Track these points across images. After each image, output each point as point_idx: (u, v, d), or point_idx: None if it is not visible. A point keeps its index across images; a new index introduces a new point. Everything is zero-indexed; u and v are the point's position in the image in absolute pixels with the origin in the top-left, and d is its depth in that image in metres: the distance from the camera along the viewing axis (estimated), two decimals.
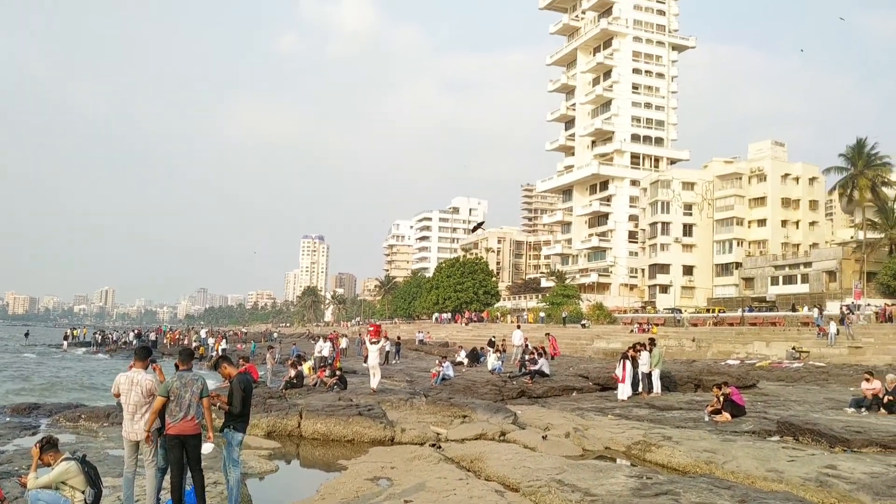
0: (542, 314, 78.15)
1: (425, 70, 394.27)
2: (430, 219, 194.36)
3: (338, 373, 23.19)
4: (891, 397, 17.04)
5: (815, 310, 49.48)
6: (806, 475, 10.54)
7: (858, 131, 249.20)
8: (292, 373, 23.39)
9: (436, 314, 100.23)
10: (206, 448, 8.21)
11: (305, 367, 25.17)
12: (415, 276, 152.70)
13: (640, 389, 21.28)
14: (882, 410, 16.86)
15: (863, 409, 17.20)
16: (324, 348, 32.73)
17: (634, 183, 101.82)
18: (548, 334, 36.09)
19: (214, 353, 42.86)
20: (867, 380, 18.16)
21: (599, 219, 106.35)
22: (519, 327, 40.67)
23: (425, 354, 47.78)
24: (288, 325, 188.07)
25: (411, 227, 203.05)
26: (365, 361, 24.78)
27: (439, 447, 13.83)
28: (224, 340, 52.94)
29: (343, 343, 44.58)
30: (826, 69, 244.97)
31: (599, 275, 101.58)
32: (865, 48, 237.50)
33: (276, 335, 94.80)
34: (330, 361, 28.81)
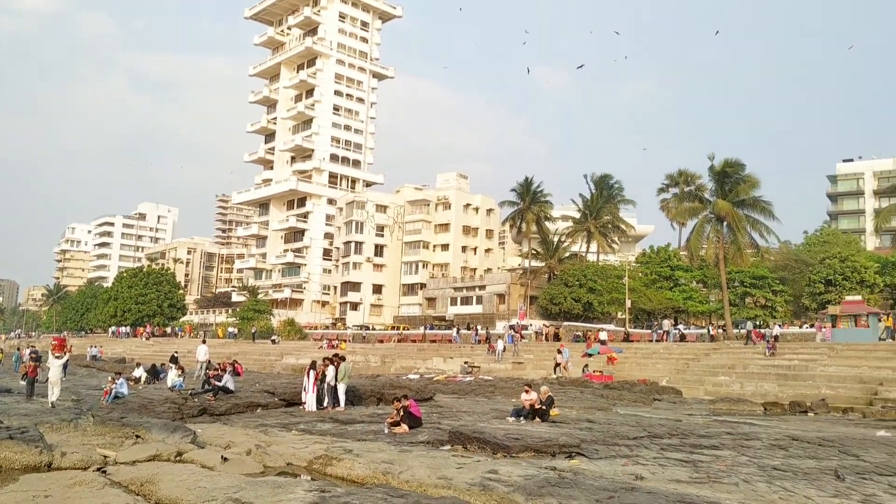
0: (231, 329, 75.81)
1: (116, 65, 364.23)
2: (112, 224, 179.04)
3: None
4: (543, 407, 19.19)
5: (478, 328, 54.28)
6: (471, 480, 11.40)
7: (529, 170, 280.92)
8: None
9: (113, 327, 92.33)
10: None
11: None
12: (91, 285, 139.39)
13: (325, 404, 21.53)
14: (537, 419, 18.89)
15: (521, 418, 19.12)
16: None
17: (332, 202, 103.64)
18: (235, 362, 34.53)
19: None
20: (526, 391, 20.26)
21: (296, 235, 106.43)
22: (204, 342, 39.00)
23: (98, 371, 43.62)
24: None
25: (90, 231, 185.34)
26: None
27: (105, 471, 12.66)
28: None
29: None
30: (506, 112, 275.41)
31: (293, 290, 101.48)
32: (538, 97, 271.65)
33: None
34: None
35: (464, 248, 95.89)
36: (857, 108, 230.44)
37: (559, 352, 38.28)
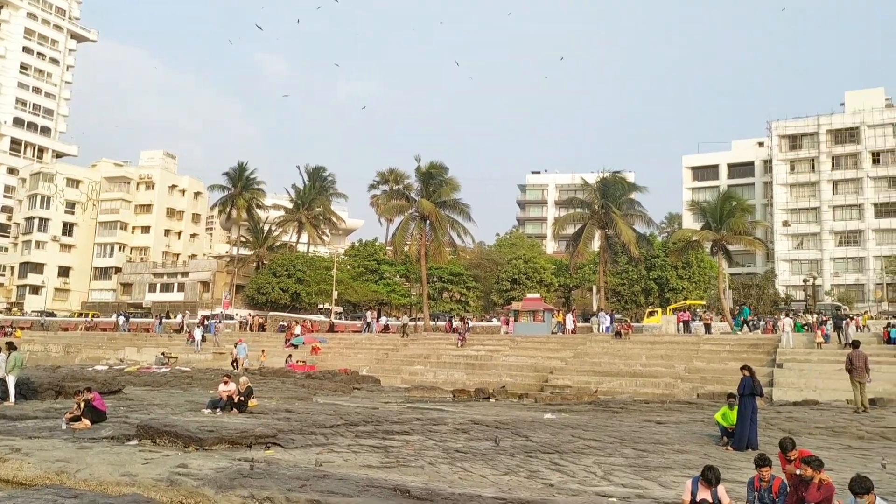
0: None
1: None
2: None
3: None
4: (242, 398, 18.85)
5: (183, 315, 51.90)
6: (158, 476, 10.87)
7: (243, 156, 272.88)
8: None
9: None
10: None
11: None
12: None
13: None
14: (234, 410, 18.49)
15: (219, 410, 18.59)
16: None
17: (13, 171, 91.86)
18: None
19: None
20: (225, 382, 19.75)
21: None
22: None
23: None
24: None
25: None
26: None
27: None
28: None
29: None
30: (222, 93, 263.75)
31: None
32: (256, 82, 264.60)
33: None
34: None
35: (167, 232, 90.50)
36: (546, 126, 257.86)
37: (235, 346, 37.71)
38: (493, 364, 36.88)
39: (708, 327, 41.16)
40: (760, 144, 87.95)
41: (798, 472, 8.22)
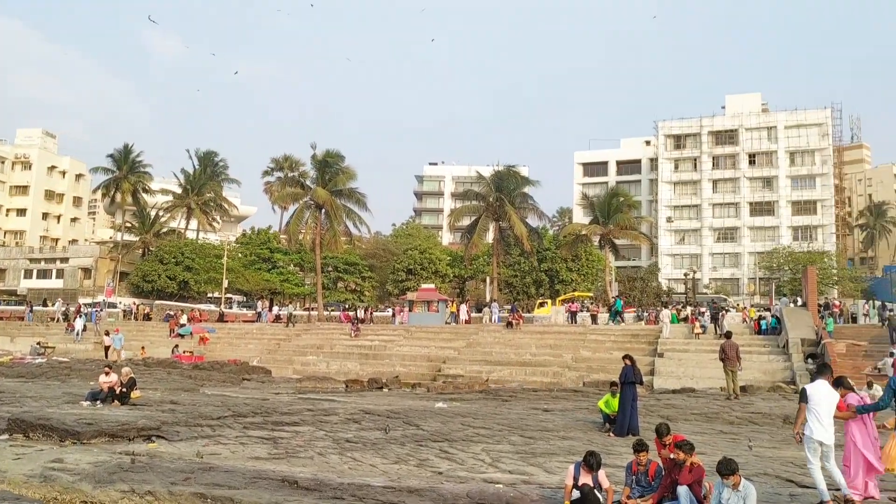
0: None
1: None
2: None
3: None
4: (124, 389, 18.14)
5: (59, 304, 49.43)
6: (31, 472, 10.35)
7: (129, 137, 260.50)
8: None
9: None
10: None
11: None
12: None
13: None
14: (116, 402, 17.78)
15: (99, 402, 17.84)
16: None
17: None
18: None
19: None
20: (106, 373, 18.94)
21: None
22: None
23: None
24: None
25: None
26: None
27: None
28: None
29: None
30: (108, 70, 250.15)
31: None
32: (145, 60, 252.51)
33: None
34: None
35: (45, 215, 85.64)
36: (445, 118, 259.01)
37: (106, 334, 36.36)
38: (387, 354, 36.96)
39: (595, 318, 42.60)
40: (648, 143, 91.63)
41: (672, 455, 8.68)
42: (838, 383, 8.92)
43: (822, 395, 8.48)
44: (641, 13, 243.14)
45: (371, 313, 51.30)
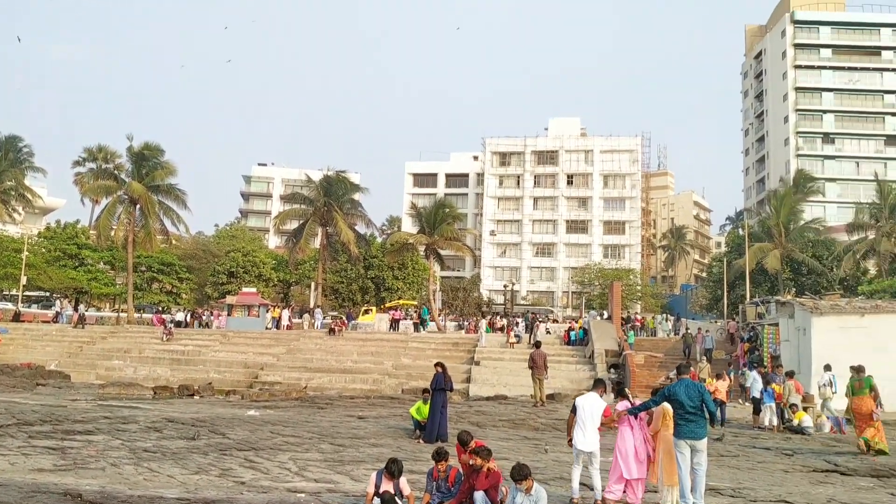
0: None
1: None
2: None
3: None
4: None
5: None
6: None
7: None
8: None
9: None
10: None
11: None
12: None
13: None
14: None
15: None
16: None
17: None
18: None
19: None
20: None
21: None
22: None
23: None
24: None
25: None
26: None
27: None
28: None
29: None
30: None
31: None
32: None
33: None
34: None
35: None
36: (277, 118, 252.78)
37: None
38: (202, 360, 35.47)
39: (417, 326, 43.26)
40: (475, 158, 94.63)
41: (471, 462, 8.93)
42: (619, 393, 9.85)
43: (588, 405, 9.53)
44: (450, 27, 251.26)
45: (201, 316, 48.95)
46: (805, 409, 19.75)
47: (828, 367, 20.16)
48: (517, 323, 41.43)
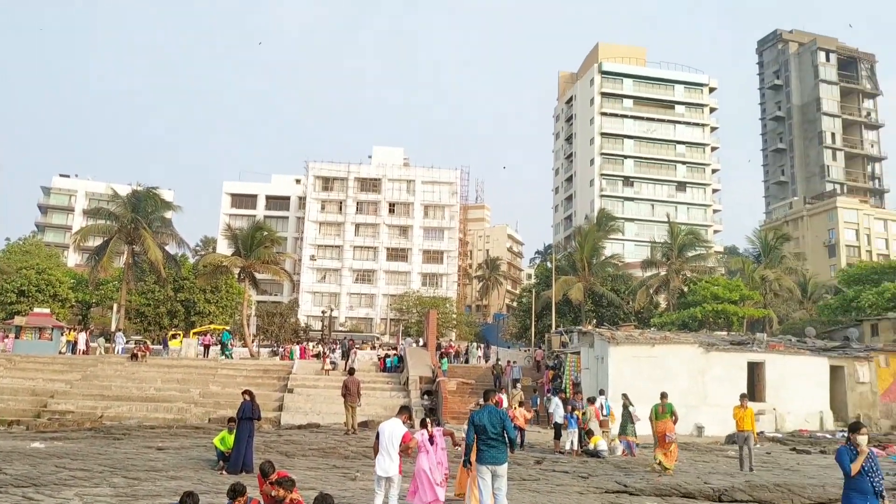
0: None
1: None
2: None
3: None
4: None
5: None
6: None
7: None
8: None
9: None
10: None
11: None
12: None
13: None
14: None
15: None
16: None
17: None
18: None
19: None
20: None
21: None
22: None
23: None
24: None
25: None
26: None
27: None
28: None
29: None
30: None
31: None
32: None
33: None
34: None
35: None
36: (84, 124, 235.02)
37: None
38: None
39: (221, 350, 41.73)
40: (298, 181, 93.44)
41: (273, 493, 8.74)
42: (422, 423, 10.36)
43: (389, 431, 9.79)
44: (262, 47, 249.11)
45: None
46: (604, 432, 21.13)
47: (601, 392, 21.88)
48: (333, 349, 41.07)
